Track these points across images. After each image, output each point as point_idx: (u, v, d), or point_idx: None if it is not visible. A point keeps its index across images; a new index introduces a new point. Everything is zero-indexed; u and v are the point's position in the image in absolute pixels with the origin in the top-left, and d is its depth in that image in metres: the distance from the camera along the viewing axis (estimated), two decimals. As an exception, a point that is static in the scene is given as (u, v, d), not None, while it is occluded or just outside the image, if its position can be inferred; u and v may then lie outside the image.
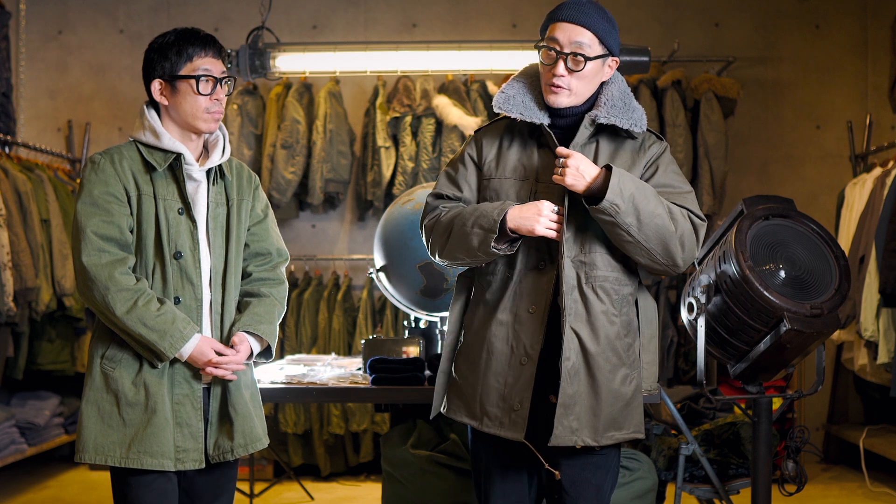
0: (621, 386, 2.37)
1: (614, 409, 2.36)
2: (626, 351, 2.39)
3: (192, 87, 2.38)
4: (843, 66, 5.92)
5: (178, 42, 2.39)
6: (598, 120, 2.36)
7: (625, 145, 2.42)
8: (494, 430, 2.37)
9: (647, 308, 2.47)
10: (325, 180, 5.54)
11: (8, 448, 4.97)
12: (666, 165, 2.43)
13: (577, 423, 2.32)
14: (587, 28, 2.34)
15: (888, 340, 4.73)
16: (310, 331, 5.53)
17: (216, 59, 2.41)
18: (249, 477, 4.79)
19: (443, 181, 2.53)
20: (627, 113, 2.38)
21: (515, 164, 2.44)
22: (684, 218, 2.35)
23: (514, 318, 2.38)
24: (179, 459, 2.35)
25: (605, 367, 2.34)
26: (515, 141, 2.46)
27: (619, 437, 2.38)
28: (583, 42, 2.33)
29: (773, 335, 2.78)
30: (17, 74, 5.94)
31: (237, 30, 5.77)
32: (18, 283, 4.73)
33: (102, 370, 2.35)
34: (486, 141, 2.50)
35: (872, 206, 4.93)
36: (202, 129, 2.42)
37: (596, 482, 2.41)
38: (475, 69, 5.18)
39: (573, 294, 2.34)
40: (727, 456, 3.48)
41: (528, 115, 2.38)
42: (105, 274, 2.29)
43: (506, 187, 2.42)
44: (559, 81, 2.35)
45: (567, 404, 2.32)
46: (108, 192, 2.34)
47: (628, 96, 2.42)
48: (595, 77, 2.39)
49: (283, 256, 2.61)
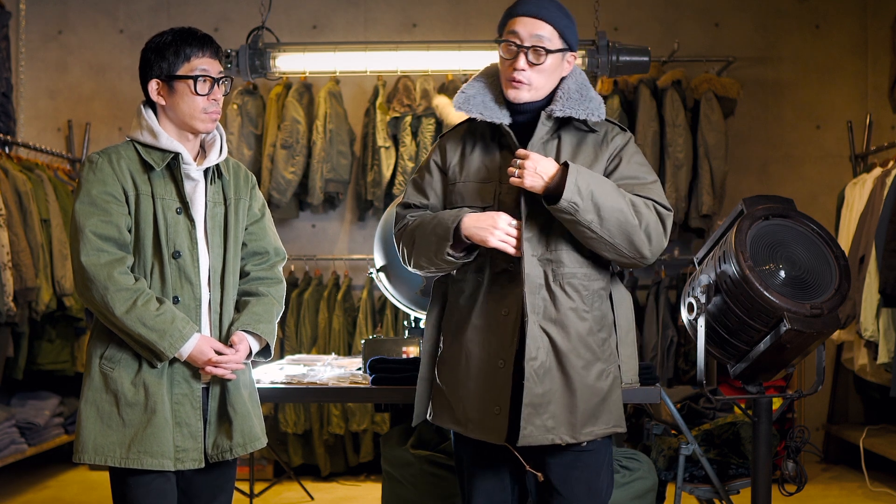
0: (597, 381, 2.37)
1: (590, 404, 2.35)
2: (600, 346, 2.39)
3: (189, 88, 2.38)
4: (843, 66, 5.92)
5: (176, 42, 2.39)
6: (553, 114, 2.36)
7: (587, 139, 2.41)
8: (477, 434, 2.38)
9: (622, 301, 2.46)
10: (325, 180, 5.54)
11: (8, 448, 4.97)
12: (630, 156, 2.41)
13: (553, 421, 2.32)
14: (547, 22, 2.36)
15: (888, 340, 4.73)
16: (310, 331, 5.53)
17: (213, 60, 2.41)
18: (249, 477, 4.79)
19: (409, 190, 2.54)
20: (584, 103, 2.37)
21: (478, 167, 2.43)
22: (649, 209, 2.33)
23: (487, 323, 2.38)
24: (179, 459, 2.35)
25: (577, 363, 2.34)
26: (478, 143, 2.46)
27: (598, 433, 2.37)
28: (543, 35, 2.35)
29: (773, 335, 2.78)
30: (17, 74, 5.95)
31: (237, 30, 5.78)
32: (18, 283, 4.73)
33: (101, 370, 2.35)
34: (449, 146, 2.50)
35: (872, 206, 4.93)
36: (199, 130, 2.42)
37: (586, 480, 2.40)
38: (475, 69, 5.13)
39: (540, 293, 2.34)
40: (727, 456, 3.48)
41: (487, 116, 2.38)
42: (104, 274, 2.29)
43: (470, 191, 2.42)
44: (519, 76, 2.36)
45: (536, 403, 2.31)
46: (106, 192, 2.34)
47: (585, 87, 2.41)
48: (554, 72, 2.39)
49: (280, 255, 2.61)
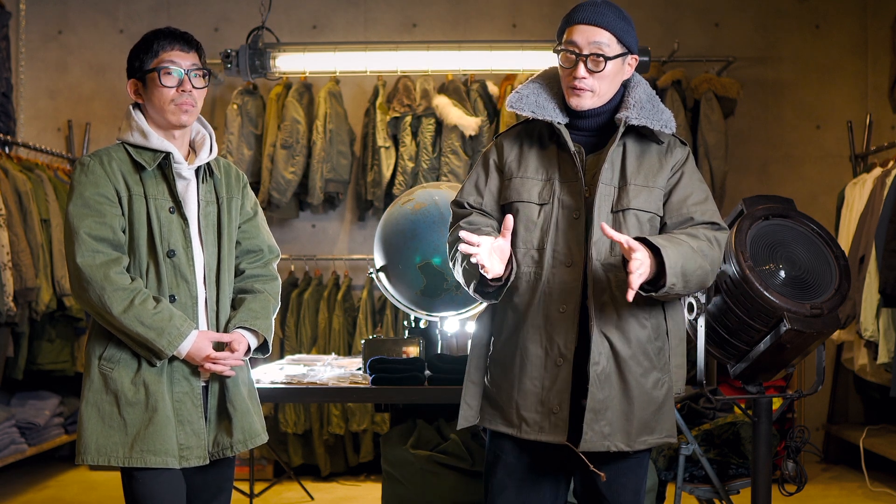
0: (653, 390, 2.35)
1: (647, 413, 2.34)
2: (656, 354, 2.37)
3: (157, 80, 2.39)
4: (843, 66, 5.92)
5: (147, 40, 2.42)
6: (629, 122, 2.34)
7: (651, 148, 2.40)
8: (534, 435, 2.33)
9: (675, 311, 2.44)
10: (325, 180, 5.54)
11: (8, 448, 4.97)
12: (691, 173, 2.41)
13: (610, 427, 2.30)
14: (604, 28, 2.34)
15: (888, 340, 4.73)
16: (310, 331, 5.53)
17: (184, 52, 2.41)
18: (249, 477, 4.79)
19: (465, 187, 2.51)
20: (657, 115, 2.38)
21: (536, 165, 2.42)
22: (712, 245, 2.32)
23: (545, 320, 2.34)
24: (183, 457, 2.36)
25: (636, 370, 2.32)
26: (535, 142, 2.45)
27: (651, 442, 2.35)
28: (601, 42, 2.34)
29: (773, 335, 2.78)
30: (17, 74, 5.95)
31: (237, 30, 5.78)
32: (18, 283, 4.73)
33: (101, 371, 2.35)
34: (506, 143, 2.49)
35: (872, 206, 4.93)
36: (172, 122, 2.41)
37: (633, 486, 2.39)
38: (475, 69, 5.18)
39: (602, 297, 2.31)
40: (727, 456, 3.48)
41: (539, 114, 2.37)
42: (100, 274, 2.29)
43: (528, 187, 2.40)
44: (581, 84, 2.34)
45: (597, 409, 2.29)
46: (98, 194, 2.34)
47: (655, 99, 2.41)
48: (616, 76, 2.38)
49: (274, 253, 2.62)
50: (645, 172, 2.36)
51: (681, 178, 2.39)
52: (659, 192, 2.37)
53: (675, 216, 2.37)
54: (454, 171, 5.42)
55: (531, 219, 2.38)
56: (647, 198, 2.35)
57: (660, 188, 2.37)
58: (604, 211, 2.33)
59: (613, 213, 2.33)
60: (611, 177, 2.35)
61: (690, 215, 2.36)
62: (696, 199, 2.38)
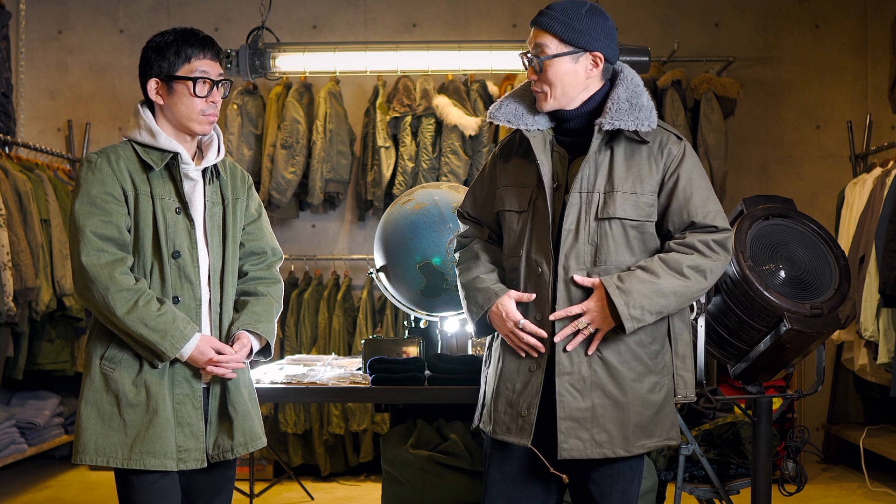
0: (650, 394, 2.35)
1: (643, 417, 2.34)
2: (652, 358, 2.36)
3: (188, 89, 2.37)
4: (843, 66, 5.92)
5: (177, 42, 2.38)
6: (602, 127, 2.32)
7: (640, 151, 2.36)
8: (502, 435, 2.38)
9: (681, 315, 2.43)
10: (325, 180, 5.54)
11: (8, 448, 4.97)
12: (689, 172, 2.36)
13: (606, 435, 2.31)
14: (544, 30, 2.35)
15: (888, 340, 4.73)
16: (310, 331, 5.53)
17: (214, 62, 2.41)
18: (249, 477, 4.78)
19: (466, 196, 2.61)
20: (633, 113, 2.32)
21: (516, 172, 2.45)
22: (699, 255, 2.31)
23: None
24: (181, 459, 2.35)
25: (629, 375, 2.33)
26: (519, 150, 2.47)
27: (651, 445, 2.36)
28: (542, 44, 2.35)
29: (773, 335, 2.78)
30: (17, 74, 5.94)
31: (237, 30, 5.78)
32: (18, 283, 4.73)
33: (102, 371, 2.35)
34: (500, 152, 2.53)
35: (872, 206, 4.93)
36: (196, 131, 2.41)
37: (622, 489, 2.40)
38: (475, 69, 5.18)
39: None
40: (727, 456, 3.48)
41: (514, 122, 2.40)
42: (105, 274, 2.28)
43: (510, 195, 2.44)
44: (534, 86, 2.39)
45: (580, 418, 2.30)
46: (105, 192, 2.33)
47: (636, 95, 2.35)
48: (569, 76, 2.35)
49: (277, 255, 2.62)
50: (633, 178, 2.34)
51: (678, 180, 2.35)
52: (649, 197, 2.34)
53: (677, 222, 2.36)
54: (454, 171, 5.43)
55: (512, 227, 2.43)
56: (635, 205, 2.33)
57: (649, 193, 2.34)
58: (589, 218, 2.33)
59: (598, 220, 2.32)
60: (590, 185, 2.33)
61: (692, 219, 2.35)
62: (696, 201, 2.35)
